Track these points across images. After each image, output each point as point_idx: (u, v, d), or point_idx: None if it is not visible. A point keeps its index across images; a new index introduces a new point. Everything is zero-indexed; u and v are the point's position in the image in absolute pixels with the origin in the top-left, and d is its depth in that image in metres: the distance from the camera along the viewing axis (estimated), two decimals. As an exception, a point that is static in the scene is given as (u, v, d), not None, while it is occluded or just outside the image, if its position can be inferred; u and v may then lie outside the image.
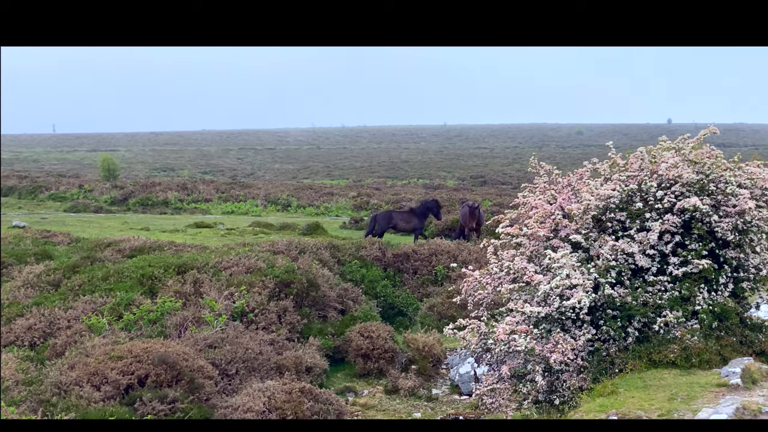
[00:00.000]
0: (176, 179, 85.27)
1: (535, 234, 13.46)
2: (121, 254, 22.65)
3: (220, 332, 15.73)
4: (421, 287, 23.25)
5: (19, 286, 19.61)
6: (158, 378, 13.41)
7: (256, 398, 13.46)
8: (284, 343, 16.49)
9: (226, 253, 20.96)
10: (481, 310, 14.06)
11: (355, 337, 17.41)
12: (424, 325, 19.64)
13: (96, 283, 18.98)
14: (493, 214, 20.09)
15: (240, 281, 18.31)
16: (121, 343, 14.65)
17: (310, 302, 18.65)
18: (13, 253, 23.76)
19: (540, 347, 12.30)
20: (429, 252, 24.43)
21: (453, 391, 16.28)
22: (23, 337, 16.72)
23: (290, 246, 23.29)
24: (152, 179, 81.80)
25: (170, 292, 17.92)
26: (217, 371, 14.38)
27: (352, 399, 15.75)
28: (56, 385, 13.24)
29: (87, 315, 16.84)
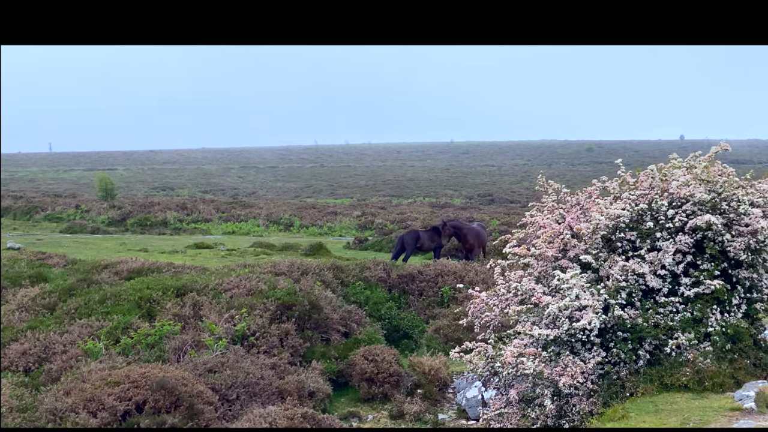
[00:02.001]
0: (176, 198, 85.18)
1: (543, 254, 13.24)
2: (118, 276, 22.40)
3: (221, 356, 15.46)
4: (426, 309, 22.95)
5: (14, 310, 19.34)
6: (156, 404, 13.19)
7: (257, 424, 13.24)
8: (286, 367, 16.22)
9: (227, 274, 20.71)
10: (488, 333, 13.83)
11: (359, 361, 17.10)
12: (430, 348, 19.35)
13: (92, 306, 18.71)
14: (501, 234, 19.81)
15: (241, 304, 18.06)
16: (118, 368, 14.43)
17: (313, 325, 18.36)
18: (8, 276, 23.49)
19: (549, 370, 12.06)
20: (435, 273, 24.15)
21: (460, 416, 15.97)
22: (18, 362, 16.44)
23: (292, 267, 23.02)
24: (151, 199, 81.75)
25: (169, 315, 17.66)
26: (217, 396, 14.13)
27: (356, 424, 15.46)
28: (51, 411, 13.01)
29: (83, 339, 16.57)
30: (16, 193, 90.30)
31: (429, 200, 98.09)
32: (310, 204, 79.56)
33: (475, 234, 31.45)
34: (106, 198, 76.28)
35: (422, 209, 73.51)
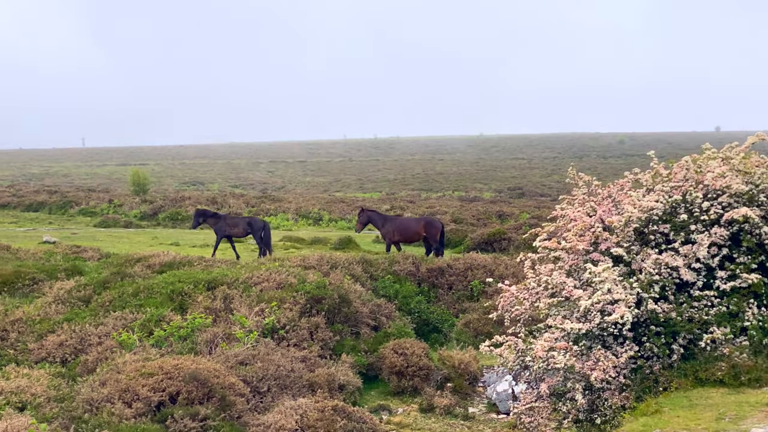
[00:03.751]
0: (206, 193, 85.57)
1: (574, 247, 13.18)
2: (151, 270, 22.53)
3: (251, 349, 15.51)
4: (456, 303, 22.90)
5: (50, 302, 19.53)
6: (189, 395, 13.25)
7: (288, 416, 13.25)
8: (316, 360, 16.23)
9: (257, 268, 20.74)
10: (518, 327, 13.81)
11: (388, 354, 17.09)
12: (460, 342, 19.29)
13: (126, 299, 18.88)
14: (531, 227, 19.74)
15: (271, 297, 18.09)
16: (151, 359, 14.49)
17: (343, 318, 18.38)
18: (44, 269, 23.73)
19: (580, 364, 12.02)
20: (464, 267, 24.09)
21: (490, 410, 15.90)
22: (54, 353, 16.61)
23: (322, 261, 23.06)
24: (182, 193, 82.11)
25: (200, 308, 17.75)
26: (249, 388, 14.15)
27: (386, 417, 15.42)
28: (88, 401, 13.13)
29: (117, 331, 16.70)
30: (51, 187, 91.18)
31: (458, 194, 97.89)
32: (339, 198, 79.62)
33: (394, 226, 31.75)
34: (138, 192, 76.81)
35: (451, 203, 73.37)
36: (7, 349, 17.30)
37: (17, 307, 19.63)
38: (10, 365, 15.82)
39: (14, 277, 22.58)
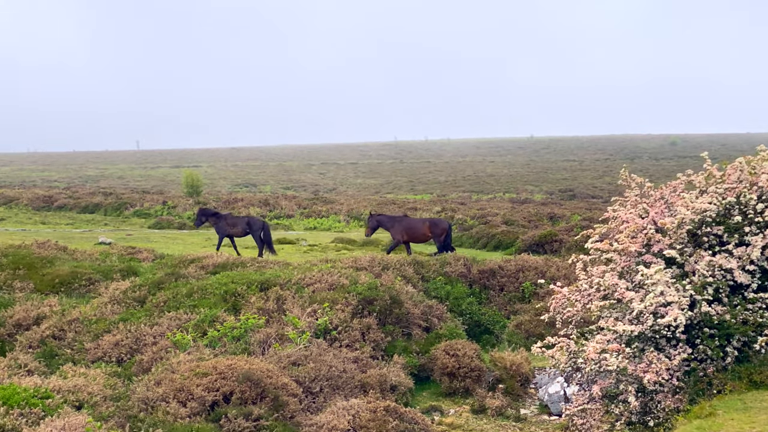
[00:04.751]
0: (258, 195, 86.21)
1: (626, 249, 13.09)
2: (204, 271, 22.76)
3: (304, 349, 15.62)
4: (507, 304, 22.89)
5: (106, 302, 19.82)
6: (243, 395, 13.38)
7: (340, 416, 13.34)
8: (368, 361, 16.31)
9: (309, 269, 20.87)
10: (570, 328, 13.77)
11: (440, 355, 17.15)
12: (511, 344, 19.29)
13: (180, 299, 19.09)
14: (583, 229, 19.66)
15: (323, 298, 18.21)
16: (205, 359, 14.66)
17: (394, 319, 18.44)
18: (100, 270, 24.11)
19: (633, 367, 11.96)
20: (516, 268, 24.06)
21: (542, 411, 15.90)
22: (110, 353, 16.87)
23: (373, 262, 23.16)
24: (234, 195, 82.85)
25: (253, 309, 17.90)
26: (301, 389, 14.27)
27: (438, 418, 15.47)
28: (143, 400, 13.31)
29: (172, 331, 16.90)
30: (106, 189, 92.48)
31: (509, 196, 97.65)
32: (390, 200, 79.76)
33: (402, 226, 31.83)
34: (192, 194, 77.57)
35: (502, 205, 73.21)
36: (64, 348, 17.60)
37: (74, 307, 19.95)
38: (68, 364, 16.09)
39: (71, 277, 22.99)
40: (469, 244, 41.97)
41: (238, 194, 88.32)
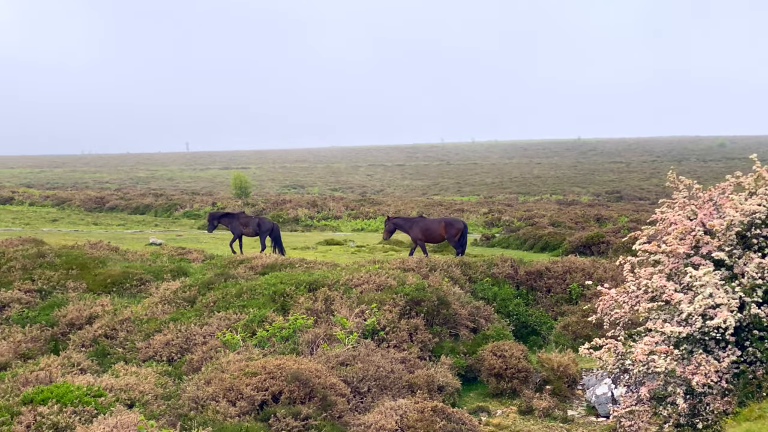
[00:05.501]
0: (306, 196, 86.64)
1: (674, 251, 13.04)
2: (253, 271, 22.94)
3: (352, 350, 15.71)
4: (554, 306, 22.85)
5: (157, 302, 20.08)
6: (292, 394, 13.48)
7: (388, 416, 13.40)
8: (415, 362, 16.37)
9: (357, 270, 20.97)
10: (617, 330, 13.73)
11: (487, 356, 17.17)
12: (559, 345, 19.26)
13: (230, 299, 19.28)
14: (630, 231, 19.57)
15: (371, 299, 18.30)
16: (254, 359, 14.79)
17: (441, 320, 18.50)
18: (151, 270, 24.40)
19: (681, 369, 11.92)
20: (563, 270, 24.00)
21: (589, 413, 15.88)
22: (161, 352, 17.09)
23: (420, 263, 23.23)
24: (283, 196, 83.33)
25: (302, 309, 18.04)
26: (349, 389, 14.34)
27: (485, 419, 15.49)
28: (193, 399, 13.47)
29: (221, 331, 17.07)
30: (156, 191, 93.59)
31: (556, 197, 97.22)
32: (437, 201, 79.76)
33: (419, 227, 31.81)
34: (240, 195, 78.20)
35: (549, 206, 72.95)
36: (116, 347, 17.87)
37: (125, 306, 20.25)
38: (119, 363, 16.37)
39: (122, 277, 23.30)
40: (516, 245, 41.86)
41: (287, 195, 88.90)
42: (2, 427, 12.00)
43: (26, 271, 23.64)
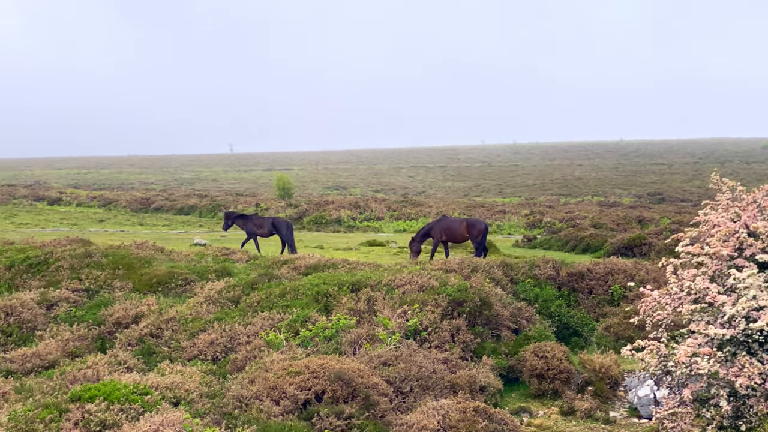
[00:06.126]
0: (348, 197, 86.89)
1: (717, 253, 13.00)
2: (296, 272, 23.11)
3: (394, 350, 15.78)
4: (596, 307, 22.79)
5: (202, 302, 20.25)
6: (334, 394, 13.54)
7: (430, 416, 13.42)
8: (457, 362, 16.39)
9: (399, 271, 21.04)
10: (660, 332, 13.69)
11: (529, 357, 17.18)
12: (600, 346, 19.23)
13: (273, 299, 19.42)
14: (672, 233, 19.51)
15: (413, 299, 18.35)
16: (298, 359, 14.87)
17: (483, 321, 18.53)
18: (196, 270, 24.64)
19: (724, 371, 11.89)
20: (605, 271, 23.94)
21: (632, 414, 15.84)
22: (206, 351, 17.24)
23: (462, 264, 23.26)
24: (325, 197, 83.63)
25: (344, 310, 18.13)
26: (392, 389, 14.37)
27: (526, 419, 15.49)
28: (237, 398, 13.58)
29: (265, 331, 17.20)
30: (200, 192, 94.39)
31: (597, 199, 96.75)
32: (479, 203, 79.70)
33: (440, 227, 32.15)
34: (283, 197, 78.65)
35: (591, 208, 72.60)
36: (161, 346, 18.09)
37: (171, 306, 20.48)
38: (165, 362, 16.55)
39: (168, 277, 23.57)
40: (558, 246, 41.77)
41: (329, 197, 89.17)
42: (51, 424, 12.15)
43: (74, 271, 24.03)
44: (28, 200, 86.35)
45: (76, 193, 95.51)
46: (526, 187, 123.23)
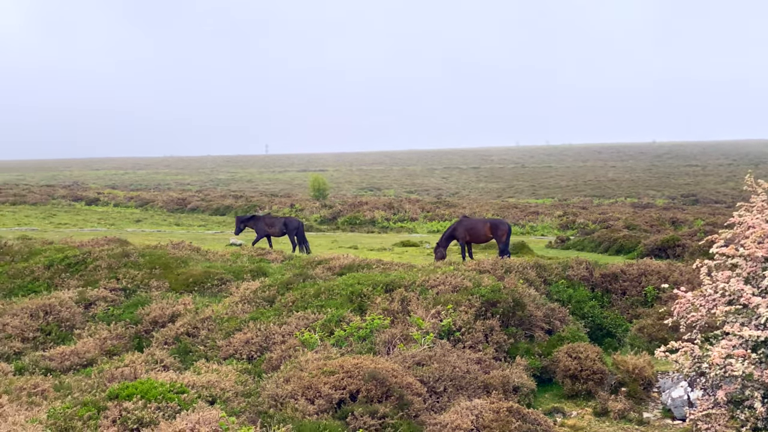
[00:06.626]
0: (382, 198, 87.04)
1: (752, 254, 12.99)
2: (331, 272, 23.24)
3: (428, 350, 15.85)
4: (629, 308, 22.74)
5: (237, 302, 20.44)
6: (369, 393, 13.61)
7: (464, 416, 13.47)
8: (491, 362, 16.43)
9: (433, 271, 21.09)
10: (694, 333, 13.69)
11: (562, 358, 17.20)
12: (634, 347, 19.20)
13: (308, 299, 19.56)
14: (707, 234, 19.44)
15: (446, 300, 18.42)
16: (332, 358, 14.97)
17: (517, 322, 18.57)
18: (232, 270, 24.84)
19: (759, 372, 11.88)
20: (638, 272, 23.88)
21: (665, 416, 15.84)
22: (241, 350, 17.42)
23: (496, 265, 23.30)
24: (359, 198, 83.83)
25: (378, 310, 18.23)
26: (425, 388, 14.43)
27: (560, 420, 15.52)
28: (273, 397, 13.68)
29: (300, 330, 17.32)
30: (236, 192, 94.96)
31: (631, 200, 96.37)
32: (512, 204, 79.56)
33: (464, 228, 32.30)
34: (318, 197, 78.91)
35: (624, 209, 72.35)
36: (197, 345, 18.28)
37: (207, 305, 20.70)
38: (201, 361, 16.72)
39: (204, 277, 23.80)
40: (591, 248, 41.65)
41: (363, 197, 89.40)
42: (89, 421, 12.28)
43: (111, 270, 24.34)
44: (67, 200, 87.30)
45: (114, 193, 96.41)
46: (559, 188, 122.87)
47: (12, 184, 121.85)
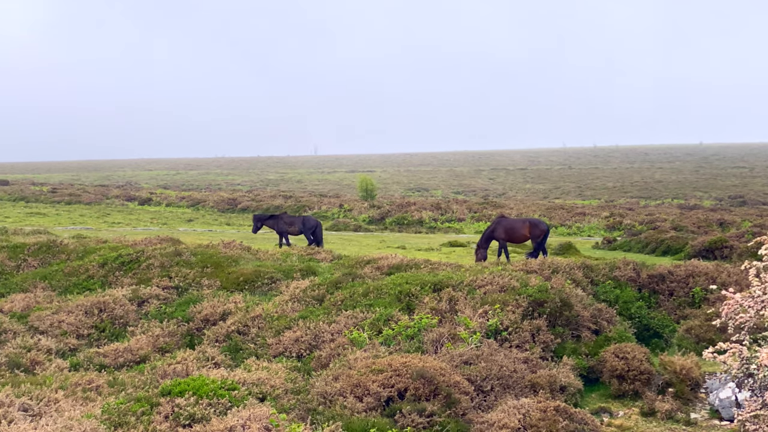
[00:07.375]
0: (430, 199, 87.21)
1: (801, 256, 12.95)
2: (379, 271, 23.37)
3: (475, 349, 15.96)
4: (677, 309, 22.67)
5: (287, 300, 20.65)
6: (417, 392, 13.75)
7: (511, 415, 13.55)
8: (538, 362, 16.51)
9: (480, 271, 21.17)
10: (742, 334, 13.67)
11: (609, 358, 17.23)
12: (681, 348, 19.16)
13: (357, 298, 19.72)
14: (754, 236, 19.38)
15: (494, 299, 18.51)
16: (381, 357, 15.13)
17: (563, 322, 18.62)
18: (281, 269, 25.04)
19: (807, 373, 11.85)
20: (686, 273, 23.80)
21: (712, 416, 15.82)
22: (291, 348, 17.64)
23: (543, 265, 23.33)
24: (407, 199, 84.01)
25: (426, 309, 18.36)
26: (473, 387, 14.54)
27: (606, 420, 15.56)
28: (322, 394, 13.89)
29: (349, 329, 17.51)
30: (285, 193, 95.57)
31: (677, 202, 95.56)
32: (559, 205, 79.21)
33: (502, 228, 32.32)
34: (366, 198, 79.15)
35: (671, 211, 71.82)
36: (248, 343, 18.52)
37: (257, 304, 20.93)
38: (251, 358, 16.97)
39: (254, 276, 24.05)
40: (638, 249, 41.44)
41: (411, 198, 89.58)
42: (142, 417, 12.48)
43: (164, 269, 24.71)
44: (120, 200, 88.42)
45: (166, 193, 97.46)
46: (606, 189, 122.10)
47: (67, 184, 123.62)
